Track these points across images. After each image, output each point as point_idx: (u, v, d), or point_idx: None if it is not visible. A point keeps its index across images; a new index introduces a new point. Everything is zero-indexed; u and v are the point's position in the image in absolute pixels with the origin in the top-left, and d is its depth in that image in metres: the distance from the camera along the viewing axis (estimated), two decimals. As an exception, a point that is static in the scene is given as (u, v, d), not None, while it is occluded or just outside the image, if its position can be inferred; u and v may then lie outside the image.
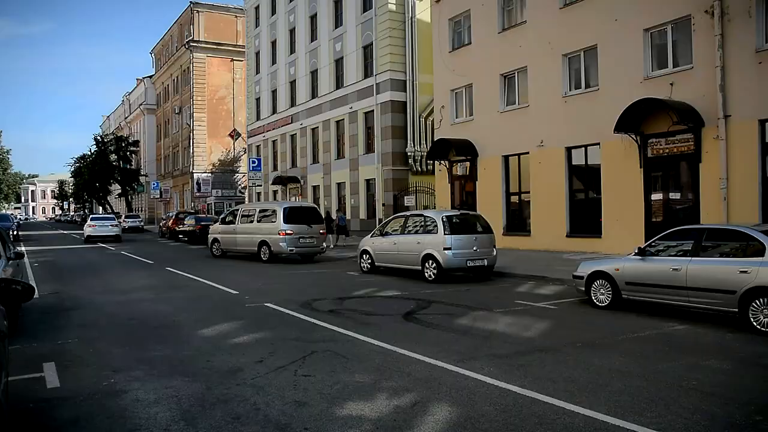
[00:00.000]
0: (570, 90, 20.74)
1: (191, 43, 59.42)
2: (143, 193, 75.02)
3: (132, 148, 67.95)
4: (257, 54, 48.51)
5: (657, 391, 6.00)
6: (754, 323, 8.63)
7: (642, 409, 5.51)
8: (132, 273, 18.30)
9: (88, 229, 37.17)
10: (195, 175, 59.79)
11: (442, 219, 15.10)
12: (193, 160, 60.11)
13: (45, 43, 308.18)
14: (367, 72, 34.29)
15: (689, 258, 9.63)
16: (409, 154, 32.25)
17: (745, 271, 8.78)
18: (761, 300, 8.57)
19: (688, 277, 9.47)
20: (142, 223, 54.33)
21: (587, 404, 5.61)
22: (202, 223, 33.07)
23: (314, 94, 39.76)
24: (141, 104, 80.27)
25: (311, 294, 13.03)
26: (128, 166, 67.09)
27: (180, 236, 36.59)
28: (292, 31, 42.58)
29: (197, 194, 59.57)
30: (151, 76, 78.78)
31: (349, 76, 35.88)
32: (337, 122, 37.40)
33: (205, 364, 7.25)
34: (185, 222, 36.51)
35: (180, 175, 66.16)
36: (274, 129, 45.22)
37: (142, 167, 75.21)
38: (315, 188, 40.10)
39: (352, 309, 11.21)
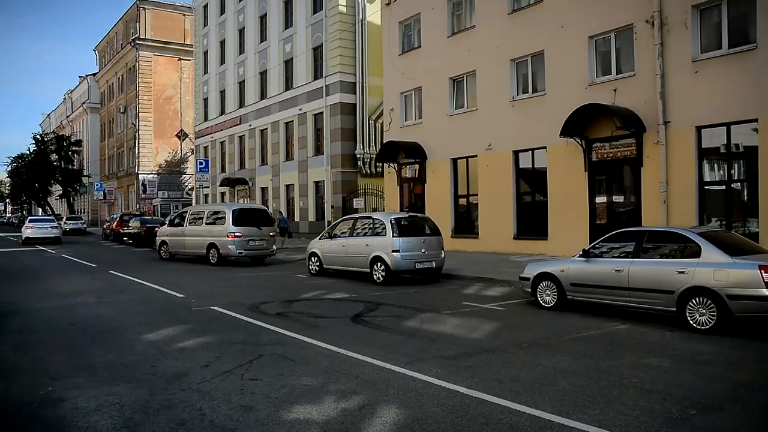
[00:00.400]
0: (517, 94, 21.08)
1: (137, 41, 58.20)
2: (86, 195, 72.96)
3: (74, 148, 65.92)
4: (205, 53, 47.81)
5: (600, 389, 6.14)
6: (691, 322, 8.93)
7: (585, 407, 5.62)
8: (73, 276, 17.77)
9: (27, 231, 35.97)
10: (141, 176, 58.54)
11: (391, 221, 15.13)
12: (138, 161, 58.85)
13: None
14: (317, 74, 34.17)
15: (631, 259, 9.90)
16: (358, 156, 32.27)
17: (683, 272, 9.08)
18: (697, 299, 8.88)
19: (629, 278, 9.74)
20: (84, 225, 52.77)
21: (533, 403, 5.70)
22: (148, 225, 32.37)
23: (263, 95, 39.42)
24: (84, 103, 78.06)
25: (259, 297, 12.89)
26: (70, 167, 65.06)
27: (125, 239, 35.75)
28: (241, 31, 42.12)
29: (143, 196, 58.34)
30: (94, 74, 76.73)
31: (299, 78, 35.69)
32: (287, 124, 37.16)
33: (150, 369, 7.08)
34: (130, 224, 35.69)
35: (125, 176, 64.68)
36: (222, 130, 44.62)
37: (84, 168, 73.07)
38: (263, 190, 39.72)
39: (299, 312, 11.13)
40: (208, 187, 40.18)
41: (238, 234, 20.19)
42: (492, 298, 12.65)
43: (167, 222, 25.21)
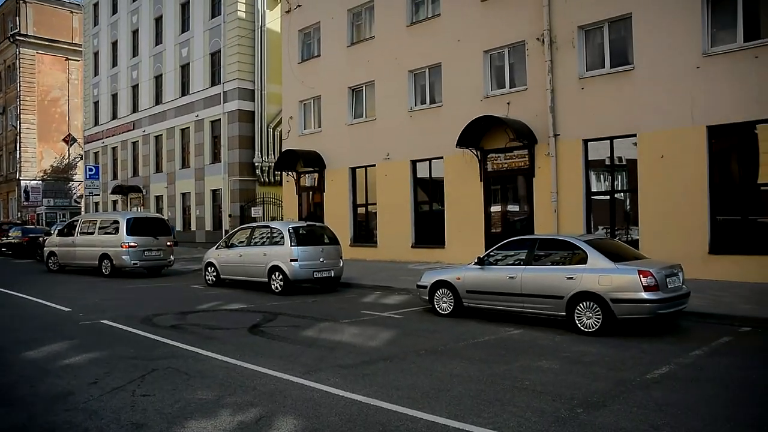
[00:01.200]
0: (416, 105, 21.47)
1: (17, 37, 54.61)
2: (-40, 202, 67.84)
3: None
4: (96, 54, 45.65)
5: (494, 393, 6.33)
6: (579, 325, 9.38)
7: (480, 410, 5.77)
8: (-56, 290, 16.44)
9: None
10: (22, 182, 55.04)
11: (289, 230, 15.02)
12: (20, 166, 55.27)
13: None
14: (215, 80, 33.43)
15: (523, 266, 10.28)
16: (256, 164, 31.82)
17: (571, 278, 9.53)
18: (585, 303, 9.35)
19: (522, 284, 10.10)
20: (-44, 236, 48.88)
21: (429, 409, 5.79)
22: (31, 235, 30.52)
23: (158, 100, 38.12)
24: (-44, 102, 72.48)
25: (152, 309, 12.40)
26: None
27: (3, 249, 33.46)
28: (135, 33, 40.56)
29: (25, 203, 54.88)
30: (-31, 72, 71.51)
31: (196, 83, 34.79)
32: (183, 130, 36.10)
33: (29, 390, 6.64)
34: (10, 234, 33.46)
35: (4, 182, 60.56)
36: (114, 135, 42.75)
37: (-43, 173, 67.94)
38: (158, 198, 38.38)
39: (195, 324, 10.81)
40: (98, 195, 38.36)
41: (132, 244, 19.39)
42: (390, 306, 12.78)
43: (56, 232, 23.90)
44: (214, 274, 16.79)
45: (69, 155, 55.77)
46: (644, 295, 8.92)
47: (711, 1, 14.53)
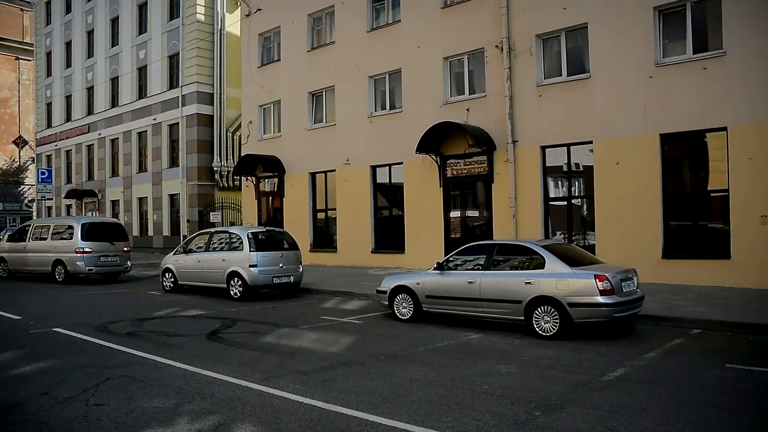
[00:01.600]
0: (376, 110, 21.52)
1: (-36, 36, 53.08)
2: None
3: None
4: (48, 54, 44.61)
5: (453, 397, 6.36)
6: (537, 329, 9.50)
7: (440, 415, 5.79)
8: None
9: None
10: (-30, 186, 53.44)
11: (248, 236, 14.89)
12: (-32, 170, 53.66)
13: None
14: (173, 83, 33.00)
15: (482, 271, 10.37)
16: (215, 169, 31.49)
17: (529, 283, 9.65)
18: (543, 308, 9.47)
19: (481, 289, 10.18)
20: None
21: (389, 414, 5.79)
22: (-22, 241, 29.57)
23: (114, 103, 37.44)
24: None
25: (108, 316, 12.14)
26: None
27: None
28: (90, 33, 39.77)
29: (-27, 208, 53.26)
30: None
31: (154, 86, 34.28)
32: (140, 134, 35.52)
33: (-26, 401, 6.42)
34: (-44, 239, 32.38)
35: (-49, 186, 58.72)
36: (68, 138, 41.82)
37: None
38: (114, 203, 37.66)
39: (152, 330, 10.62)
40: (51, 199, 37.50)
41: (87, 249, 18.93)
42: (350, 311, 12.75)
43: (6, 237, 23.22)
44: (172, 280, 16.52)
45: (20, 158, 54.29)
46: (600, 299, 9.09)
47: (662, 13, 14.95)
